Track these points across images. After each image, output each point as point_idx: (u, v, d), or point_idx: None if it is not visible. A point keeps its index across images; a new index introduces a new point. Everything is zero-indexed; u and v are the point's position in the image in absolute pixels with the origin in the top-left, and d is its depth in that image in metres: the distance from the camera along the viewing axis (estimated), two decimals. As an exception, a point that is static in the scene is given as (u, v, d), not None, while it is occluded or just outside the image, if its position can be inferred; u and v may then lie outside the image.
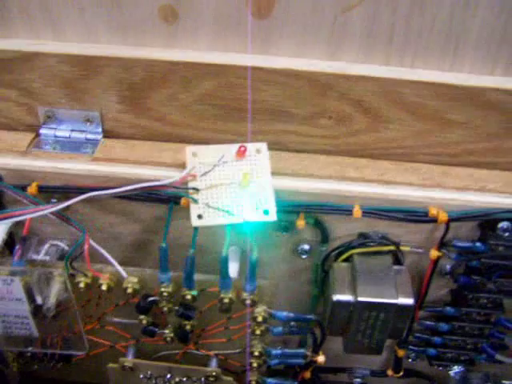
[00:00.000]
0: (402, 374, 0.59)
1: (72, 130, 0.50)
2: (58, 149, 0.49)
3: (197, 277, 0.44)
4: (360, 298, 0.46)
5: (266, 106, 0.47)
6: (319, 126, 0.48)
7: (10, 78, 0.48)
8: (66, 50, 0.46)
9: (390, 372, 0.59)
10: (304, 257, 0.49)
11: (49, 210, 0.42)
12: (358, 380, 0.61)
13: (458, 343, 0.54)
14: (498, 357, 0.54)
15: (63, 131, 0.50)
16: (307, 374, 0.54)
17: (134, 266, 0.46)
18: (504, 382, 0.59)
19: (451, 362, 0.57)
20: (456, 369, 0.58)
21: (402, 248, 0.48)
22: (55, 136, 0.50)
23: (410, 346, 0.56)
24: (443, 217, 0.45)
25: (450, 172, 0.49)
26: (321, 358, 0.50)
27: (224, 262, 0.43)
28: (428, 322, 0.54)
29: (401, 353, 0.56)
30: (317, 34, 0.45)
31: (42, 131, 0.50)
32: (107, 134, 0.50)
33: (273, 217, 0.43)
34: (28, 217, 0.42)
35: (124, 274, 0.44)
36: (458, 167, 0.49)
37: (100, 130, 0.50)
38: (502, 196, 0.47)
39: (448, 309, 0.52)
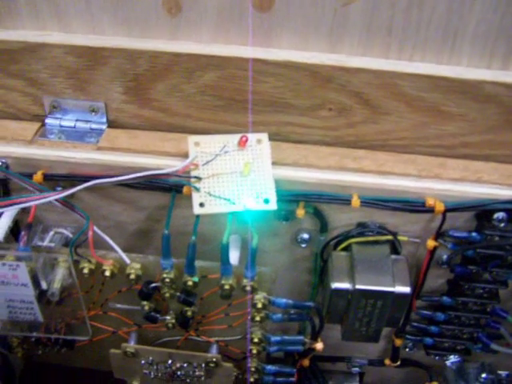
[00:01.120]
0: (399, 363, 0.60)
1: (77, 120, 0.51)
2: (63, 138, 0.50)
3: (198, 263, 0.45)
4: (358, 286, 0.47)
5: (266, 97, 0.48)
6: (319, 117, 0.49)
7: (17, 69, 0.49)
8: (72, 41, 0.47)
9: (387, 361, 0.60)
10: (303, 246, 0.50)
11: (54, 196, 0.43)
12: (356, 369, 0.62)
13: (454, 332, 0.55)
14: (494, 346, 0.55)
15: (68, 121, 0.51)
16: (306, 362, 0.55)
17: (137, 253, 0.47)
18: (499, 371, 0.60)
19: (448, 352, 0.58)
20: (452, 358, 0.59)
21: (399, 238, 0.49)
22: (60, 126, 0.51)
23: (407, 336, 0.57)
24: (440, 207, 0.46)
25: (446, 163, 0.49)
26: (319, 345, 0.51)
27: (225, 249, 0.44)
28: (425, 312, 0.55)
29: (398, 342, 0.57)
30: (317, 26, 0.46)
31: (48, 121, 0.51)
32: (111, 124, 0.51)
33: (273, 206, 0.44)
34: (33, 203, 0.43)
35: (127, 260, 0.45)
36: (454, 159, 0.50)
37: (104, 119, 0.51)
38: (497, 187, 0.48)
39: (445, 298, 0.53)
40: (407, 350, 0.59)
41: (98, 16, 0.47)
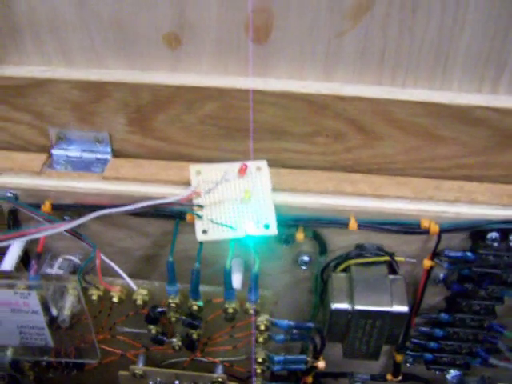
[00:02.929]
0: (400, 378, 0.61)
1: (83, 151, 0.53)
2: (70, 168, 0.52)
3: (202, 288, 0.47)
4: (357, 307, 0.48)
5: (265, 125, 0.49)
6: (316, 143, 0.50)
7: (24, 103, 0.51)
8: (76, 76, 0.49)
9: (389, 376, 0.61)
10: (304, 268, 0.52)
11: (62, 228, 0.45)
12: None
13: (453, 348, 0.57)
14: (492, 361, 0.57)
15: (74, 151, 0.53)
16: (309, 379, 0.57)
17: (142, 278, 0.49)
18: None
19: (447, 366, 0.59)
20: (452, 373, 0.61)
21: (396, 258, 0.50)
22: (67, 156, 0.53)
23: (408, 351, 0.58)
24: (435, 228, 0.47)
25: (441, 185, 0.51)
26: (321, 364, 0.52)
27: (228, 275, 0.45)
28: (424, 328, 0.56)
29: (399, 358, 0.58)
30: (312, 57, 0.47)
31: (54, 152, 0.53)
32: (116, 154, 0.53)
33: (273, 231, 0.46)
34: (43, 235, 0.45)
35: (134, 286, 0.47)
36: (448, 180, 0.51)
37: (109, 149, 0.53)
38: (491, 208, 0.49)
39: (442, 315, 0.54)
40: (408, 365, 0.60)
41: (101, 51, 0.48)
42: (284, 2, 0.44)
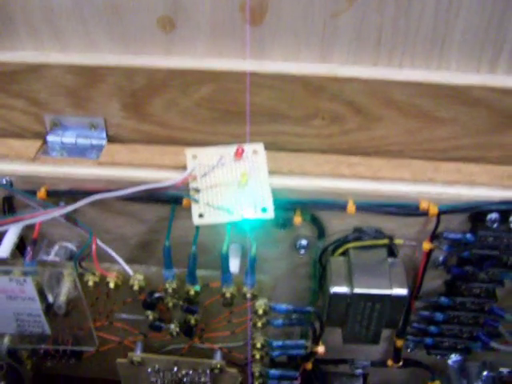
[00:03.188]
0: (401, 363, 0.61)
1: (78, 136, 0.52)
2: (65, 154, 0.52)
3: (199, 273, 0.47)
4: (356, 290, 0.48)
5: (261, 108, 0.49)
6: (313, 126, 0.50)
7: (18, 89, 0.50)
8: (70, 61, 0.48)
9: (389, 362, 0.61)
10: (302, 252, 0.51)
11: (57, 213, 0.45)
12: (359, 370, 0.63)
13: (454, 332, 0.56)
14: (493, 344, 0.56)
15: (69, 138, 0.52)
16: (309, 366, 0.56)
17: (139, 264, 0.48)
18: (501, 369, 0.61)
19: (448, 351, 0.59)
20: (454, 357, 0.60)
21: (395, 241, 0.50)
22: (62, 142, 0.52)
23: (408, 336, 0.58)
24: (434, 210, 0.47)
25: (439, 167, 0.50)
26: (321, 349, 0.52)
27: (225, 259, 0.45)
28: (424, 312, 0.56)
29: (399, 343, 0.58)
30: (308, 38, 0.47)
31: (49, 138, 0.53)
32: (111, 139, 0.52)
33: (270, 214, 0.45)
34: (38, 220, 0.45)
35: (130, 271, 0.46)
36: (447, 162, 0.51)
37: (104, 135, 0.52)
38: (490, 189, 0.49)
39: (442, 299, 0.54)
40: (409, 350, 0.60)
41: (95, 35, 0.48)
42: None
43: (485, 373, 0.60)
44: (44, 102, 0.51)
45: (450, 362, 0.61)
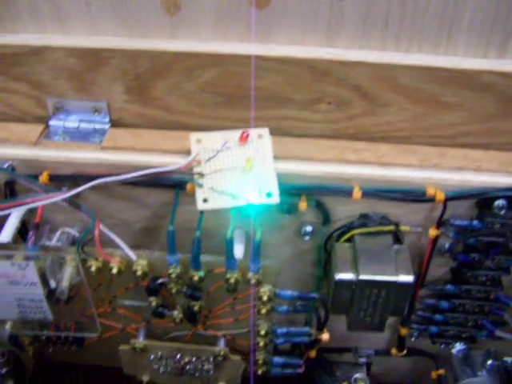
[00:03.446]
0: (405, 352, 0.61)
1: (80, 121, 0.52)
2: (68, 139, 0.51)
3: (203, 258, 0.46)
4: (361, 277, 0.47)
5: (266, 93, 0.48)
6: (319, 111, 0.49)
7: (20, 72, 0.50)
8: (73, 43, 0.48)
9: (393, 351, 0.61)
10: (307, 238, 0.51)
11: (60, 197, 0.44)
12: (363, 359, 0.63)
13: (458, 320, 0.56)
14: (498, 333, 0.56)
15: (72, 122, 0.52)
16: (312, 354, 0.56)
17: (143, 245, 0.48)
18: (505, 358, 0.61)
19: (453, 340, 0.59)
20: (458, 346, 0.60)
21: (401, 228, 0.49)
22: (64, 127, 0.52)
23: (413, 325, 0.58)
24: (440, 196, 0.46)
25: (446, 153, 0.50)
26: (325, 336, 0.51)
27: (229, 244, 0.45)
28: (429, 300, 0.55)
29: (403, 331, 0.58)
30: (314, 21, 0.46)
31: (52, 122, 0.52)
32: (115, 124, 0.52)
33: (275, 199, 0.45)
34: (40, 204, 0.44)
35: (133, 256, 0.46)
36: (454, 148, 0.51)
37: (107, 119, 0.52)
38: (497, 175, 0.48)
39: (448, 287, 0.53)
40: (413, 339, 0.60)
41: (98, 17, 0.47)
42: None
43: (489, 362, 0.60)
44: (46, 85, 0.50)
45: (454, 351, 0.60)
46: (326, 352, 0.61)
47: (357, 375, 0.61)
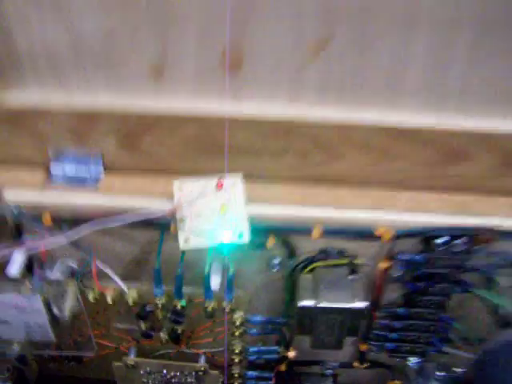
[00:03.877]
0: (366, 365, 0.69)
1: (78, 167, 0.59)
2: (66, 183, 0.58)
3: (185, 290, 0.54)
4: (321, 304, 0.55)
5: (239, 146, 0.56)
6: (285, 160, 0.57)
7: (25, 126, 0.57)
8: (72, 104, 0.55)
9: (356, 364, 0.69)
10: (276, 269, 0.59)
11: (61, 239, 0.52)
12: (330, 371, 0.70)
13: (411, 338, 0.64)
14: (446, 349, 0.64)
15: (70, 168, 0.59)
16: (282, 367, 0.64)
17: (133, 278, 0.56)
18: (454, 369, 0.69)
19: (407, 354, 0.66)
20: (412, 359, 0.68)
21: (356, 261, 0.57)
22: (64, 173, 0.59)
23: (372, 341, 0.66)
24: (387, 235, 0.54)
25: (396, 196, 0.57)
26: (291, 354, 0.59)
27: (207, 278, 0.52)
28: (384, 321, 0.63)
29: (363, 347, 0.65)
30: (279, 86, 0.53)
31: (53, 169, 0.59)
32: (108, 170, 0.59)
33: (246, 239, 0.52)
34: (44, 248, 0.52)
35: (125, 289, 0.54)
36: (403, 191, 0.58)
37: (101, 167, 0.59)
38: (438, 216, 0.56)
39: (400, 310, 0.61)
40: (373, 353, 0.68)
41: (94, 83, 0.54)
42: (253, 40, 0.50)
43: (440, 373, 0.68)
44: (48, 137, 0.57)
45: (409, 363, 0.68)
46: (296, 365, 0.68)
47: (323, 386, 0.69)
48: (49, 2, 0.49)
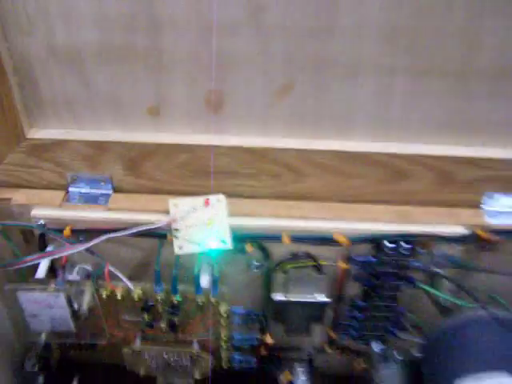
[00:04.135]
0: (336, 350, 0.81)
1: (91, 188, 0.71)
2: (82, 202, 0.71)
3: (180, 287, 0.66)
4: (291, 298, 0.68)
5: (222, 169, 0.68)
6: (260, 180, 0.69)
7: (47, 155, 0.69)
8: (85, 137, 0.67)
9: (327, 349, 0.81)
10: (255, 270, 0.71)
11: (79, 248, 0.64)
12: (306, 355, 0.83)
13: (371, 326, 0.76)
14: (400, 335, 0.76)
15: (85, 189, 0.71)
16: (263, 352, 0.76)
17: (138, 278, 0.68)
18: (412, 351, 0.80)
19: (369, 339, 0.78)
20: (375, 344, 0.80)
21: (321, 262, 0.70)
22: (79, 193, 0.71)
23: (339, 329, 0.78)
24: (343, 241, 0.66)
25: (352, 208, 0.69)
26: (269, 340, 0.72)
27: (197, 278, 0.65)
28: (348, 312, 0.75)
29: (332, 334, 0.78)
30: (253, 121, 0.66)
31: (70, 189, 0.71)
32: (116, 190, 0.71)
33: (229, 246, 0.64)
34: (65, 254, 0.64)
35: (132, 287, 0.66)
36: (358, 204, 0.70)
37: (111, 187, 0.71)
38: (386, 224, 0.68)
39: (359, 302, 0.73)
40: (341, 339, 0.80)
41: (103, 119, 0.67)
42: (231, 86, 0.63)
43: (399, 357, 0.80)
44: (66, 164, 0.70)
45: (372, 347, 0.80)
46: (275, 350, 0.81)
47: (299, 368, 0.81)
48: (66, 60, 0.62)
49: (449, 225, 0.68)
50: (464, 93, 0.62)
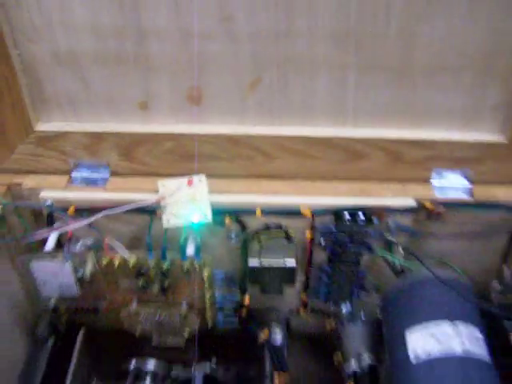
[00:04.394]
0: (309, 311, 0.92)
1: (91, 173, 0.82)
2: (84, 184, 0.81)
3: (168, 255, 0.77)
4: (264, 264, 0.79)
5: (204, 154, 0.79)
6: (237, 162, 0.80)
7: (52, 145, 0.79)
8: (85, 129, 0.78)
9: (301, 310, 0.93)
10: (233, 241, 0.81)
11: (82, 223, 0.75)
12: (282, 317, 0.94)
13: (337, 289, 0.87)
14: (363, 296, 0.87)
15: (86, 173, 0.82)
16: (243, 313, 0.87)
17: (132, 248, 0.78)
18: (377, 312, 0.91)
19: (337, 300, 0.90)
20: (343, 304, 0.91)
21: (290, 232, 0.81)
22: (81, 177, 0.82)
23: (309, 292, 0.89)
24: (307, 213, 0.77)
25: (316, 185, 0.80)
26: (246, 300, 0.83)
27: (183, 247, 0.76)
28: (316, 275, 0.87)
29: (304, 297, 0.89)
30: (230, 111, 0.76)
31: (73, 174, 0.82)
32: (113, 174, 0.82)
33: (210, 219, 0.75)
34: (70, 228, 0.75)
35: (127, 255, 0.78)
36: (321, 182, 0.80)
37: (108, 172, 0.82)
38: (346, 198, 0.79)
39: (326, 267, 0.84)
40: (313, 301, 0.91)
41: (100, 113, 0.77)
42: (209, 83, 0.73)
43: (364, 316, 0.91)
44: (69, 152, 0.80)
45: (341, 307, 0.91)
46: (255, 311, 0.92)
47: (276, 327, 0.92)
48: (67, 63, 0.72)
49: (400, 198, 0.78)
50: (405, 84, 0.72)
